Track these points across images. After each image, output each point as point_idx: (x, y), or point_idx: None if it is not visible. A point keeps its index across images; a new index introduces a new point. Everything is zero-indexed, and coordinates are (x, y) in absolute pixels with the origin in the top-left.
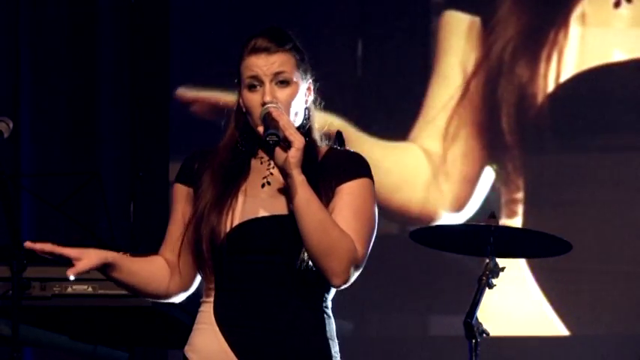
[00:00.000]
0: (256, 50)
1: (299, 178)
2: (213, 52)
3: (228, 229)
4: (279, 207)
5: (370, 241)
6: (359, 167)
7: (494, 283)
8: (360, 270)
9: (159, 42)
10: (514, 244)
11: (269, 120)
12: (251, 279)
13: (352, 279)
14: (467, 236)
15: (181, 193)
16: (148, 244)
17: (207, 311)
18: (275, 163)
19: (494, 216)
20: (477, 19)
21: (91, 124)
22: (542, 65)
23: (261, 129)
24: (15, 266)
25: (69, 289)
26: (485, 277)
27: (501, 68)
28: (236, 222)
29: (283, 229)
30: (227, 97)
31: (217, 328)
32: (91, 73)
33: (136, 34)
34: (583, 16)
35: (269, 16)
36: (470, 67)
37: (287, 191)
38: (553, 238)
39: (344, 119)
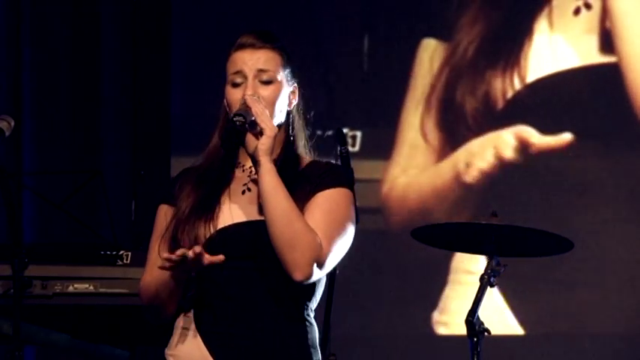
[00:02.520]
0: (242, 46)
1: (267, 166)
2: (215, 52)
3: (209, 234)
4: (259, 212)
5: (338, 243)
6: (338, 178)
7: (496, 281)
8: (325, 270)
9: (160, 41)
10: (515, 242)
11: (242, 106)
12: (231, 285)
13: (315, 277)
14: (468, 234)
15: (163, 213)
16: (149, 243)
17: (187, 316)
18: (246, 151)
19: (496, 214)
20: (444, 43)
21: (92, 123)
22: (504, 71)
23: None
24: (16, 265)
25: (70, 288)
26: (487, 276)
27: (462, 73)
28: (217, 227)
29: (261, 234)
30: None
31: (197, 334)
32: (93, 72)
33: (137, 33)
34: (547, 23)
35: (274, 14)
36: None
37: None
38: (555, 237)
39: (350, 115)
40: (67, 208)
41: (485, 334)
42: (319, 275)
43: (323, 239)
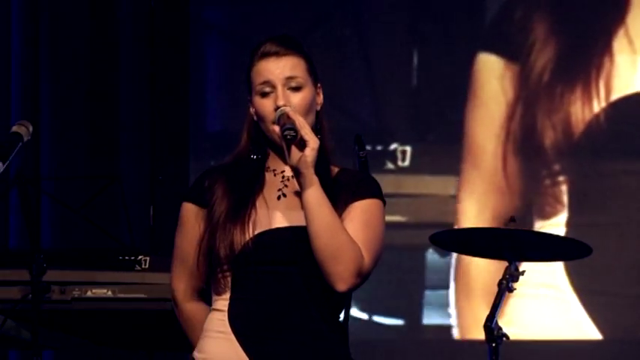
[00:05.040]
0: (266, 55)
1: (312, 178)
2: (235, 56)
3: (246, 239)
4: (297, 218)
5: (377, 254)
6: (371, 188)
7: (515, 287)
8: (365, 280)
9: (179, 45)
10: (534, 247)
11: (284, 119)
12: (268, 289)
13: (356, 287)
14: (487, 240)
15: (191, 212)
16: (167, 248)
17: (221, 319)
18: (289, 163)
19: (514, 220)
20: (513, 65)
21: (111, 128)
22: (584, 91)
23: (276, 128)
24: (35, 270)
25: (89, 293)
26: (506, 281)
27: (540, 95)
28: (254, 232)
29: (302, 240)
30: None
31: (234, 337)
32: (111, 77)
33: (155, 37)
34: (626, 42)
35: (322, 28)
36: (505, 104)
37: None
38: (573, 242)
39: (400, 130)
40: (86, 213)
41: (504, 339)
42: (359, 286)
43: (364, 251)
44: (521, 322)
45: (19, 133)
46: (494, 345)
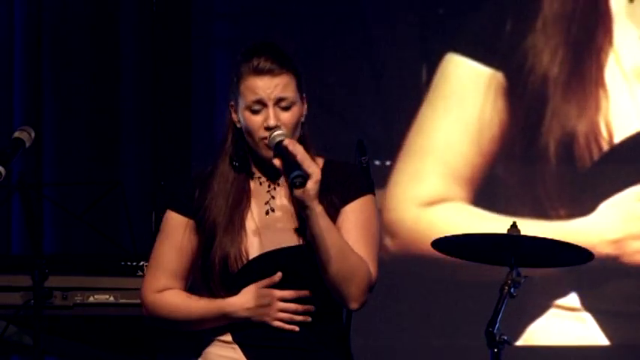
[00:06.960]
0: (259, 71)
1: (318, 209)
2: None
3: (244, 260)
4: (288, 238)
5: (378, 257)
6: (361, 184)
7: (516, 292)
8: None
9: (180, 51)
10: (536, 253)
11: (285, 153)
12: None
13: (366, 301)
14: (489, 245)
15: (180, 223)
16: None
17: (223, 328)
18: (292, 195)
19: (516, 226)
20: (498, 74)
21: (112, 133)
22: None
23: (277, 162)
24: (36, 276)
25: (91, 299)
26: (507, 287)
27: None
28: (248, 257)
29: (300, 260)
30: None
31: (237, 345)
32: (113, 82)
33: (157, 42)
34: (619, 72)
35: (326, 41)
36: (497, 118)
37: (295, 220)
38: (575, 248)
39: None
40: (88, 218)
41: (506, 344)
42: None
43: (368, 262)
44: (526, 331)
45: (21, 139)
46: (495, 350)
